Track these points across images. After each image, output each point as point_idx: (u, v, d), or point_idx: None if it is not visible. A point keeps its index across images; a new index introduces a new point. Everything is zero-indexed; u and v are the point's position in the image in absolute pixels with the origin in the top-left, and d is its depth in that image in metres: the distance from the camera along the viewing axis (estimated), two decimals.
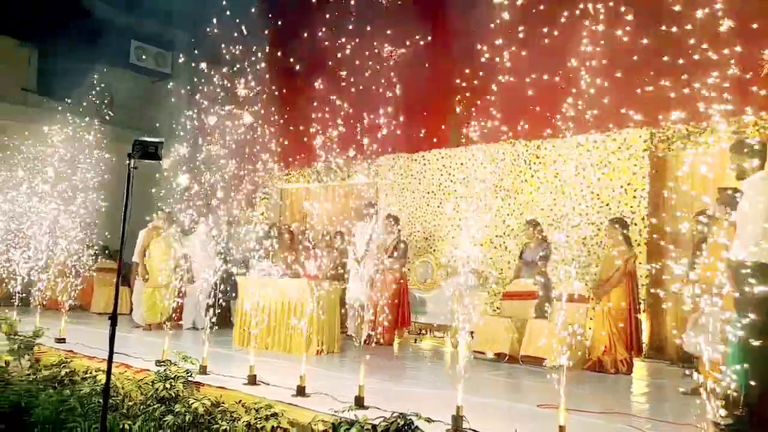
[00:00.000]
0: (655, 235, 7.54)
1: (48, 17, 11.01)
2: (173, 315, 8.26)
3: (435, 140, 9.84)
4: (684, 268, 5.75)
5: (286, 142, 10.80)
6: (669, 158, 7.86)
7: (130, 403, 4.58)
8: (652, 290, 7.37)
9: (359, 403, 4.00)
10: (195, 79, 9.24)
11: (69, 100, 9.66)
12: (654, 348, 7.64)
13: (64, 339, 6.51)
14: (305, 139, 10.50)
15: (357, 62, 9.19)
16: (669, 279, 7.11)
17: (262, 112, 9.64)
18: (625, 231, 6.67)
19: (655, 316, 7.66)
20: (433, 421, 3.49)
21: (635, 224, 7.59)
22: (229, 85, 9.09)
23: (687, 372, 5.95)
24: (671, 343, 7.44)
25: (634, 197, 7.75)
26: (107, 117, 10.48)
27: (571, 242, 7.86)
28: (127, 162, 3.67)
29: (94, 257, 10.48)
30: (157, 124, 9.70)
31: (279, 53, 9.86)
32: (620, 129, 7.88)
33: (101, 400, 4.32)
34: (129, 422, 4.21)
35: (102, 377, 4.95)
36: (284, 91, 10.37)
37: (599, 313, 6.57)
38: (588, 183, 8.04)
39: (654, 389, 5.90)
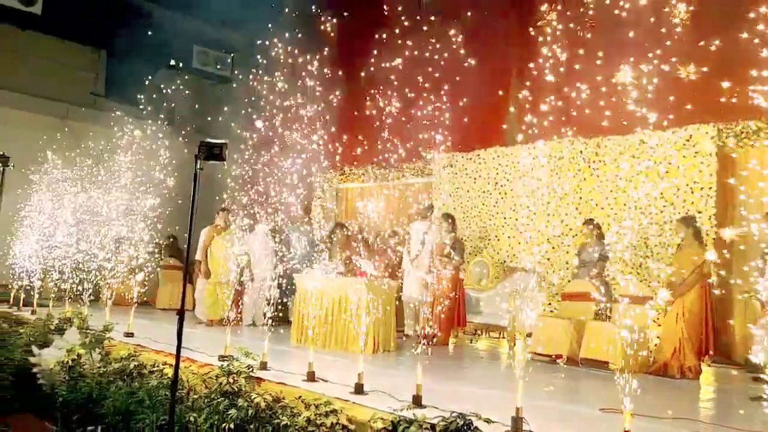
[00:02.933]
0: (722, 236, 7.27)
1: (116, 24, 11.49)
2: (233, 312, 8.47)
3: (491, 138, 9.73)
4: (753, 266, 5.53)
5: (341, 142, 10.91)
6: (738, 155, 7.53)
7: (195, 397, 4.73)
8: (720, 291, 7.10)
9: (417, 401, 4.01)
10: (254, 82, 9.45)
11: (135, 104, 10.05)
12: (721, 353, 7.35)
13: (132, 333, 6.78)
14: (360, 138, 10.58)
15: (414, 60, 9.20)
16: (737, 282, 6.85)
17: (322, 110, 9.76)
18: (696, 230, 6.44)
19: (722, 321, 7.36)
20: (493, 422, 3.47)
21: (702, 224, 7.31)
22: (287, 85, 9.25)
23: (756, 377, 5.71)
24: (739, 348, 7.15)
25: (701, 196, 7.47)
26: (177, 119, 10.85)
27: (632, 243, 7.65)
28: (197, 164, 3.79)
29: (159, 255, 10.87)
30: (219, 126, 9.98)
31: (336, 53, 9.96)
32: (685, 125, 7.60)
33: (168, 393, 4.50)
34: (194, 415, 4.35)
35: (168, 371, 5.14)
36: (340, 89, 10.47)
37: (670, 316, 6.32)
38: (651, 181, 7.79)
39: (721, 395, 5.69)
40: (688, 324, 6.14)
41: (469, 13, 8.92)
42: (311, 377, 4.80)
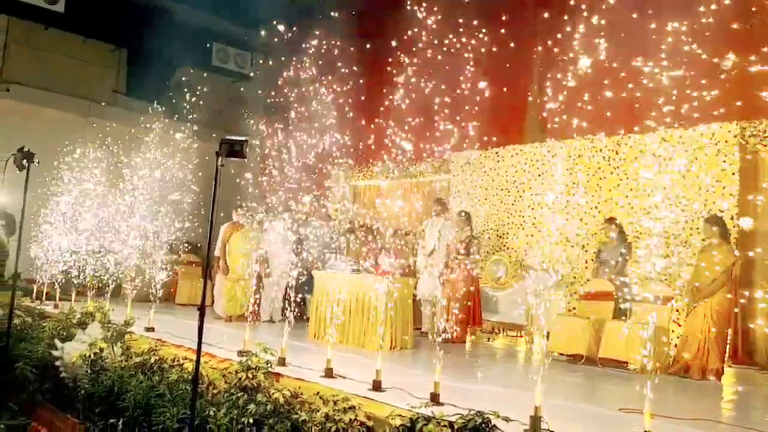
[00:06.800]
0: (746, 235, 7.16)
1: (137, 22, 11.62)
2: (251, 308, 8.52)
3: (510, 136, 9.68)
4: None
5: (359, 139, 10.91)
6: (762, 154, 7.41)
7: (215, 391, 4.77)
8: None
9: (435, 399, 4.02)
10: (273, 79, 9.51)
11: (156, 101, 10.14)
12: (743, 353, 7.25)
13: (153, 328, 6.87)
14: (377, 136, 10.57)
15: (432, 57, 9.16)
16: (761, 282, 6.75)
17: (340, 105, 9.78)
18: (723, 230, 6.35)
19: (744, 321, 7.25)
20: (511, 420, 3.46)
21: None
22: (305, 83, 9.29)
23: None
24: (761, 349, 7.05)
25: (723, 195, 7.36)
26: (196, 117, 10.93)
27: (652, 242, 7.56)
28: (218, 161, 3.82)
29: (179, 252, 10.97)
30: (240, 123, 10.05)
31: (352, 50, 9.97)
32: (708, 123, 7.49)
33: (188, 387, 4.55)
34: (214, 409, 4.38)
35: (188, 365, 5.19)
36: (358, 86, 10.47)
37: (696, 316, 6.23)
38: (672, 180, 7.69)
39: (742, 396, 5.62)
40: (715, 325, 6.05)
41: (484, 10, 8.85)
42: (329, 373, 4.83)
